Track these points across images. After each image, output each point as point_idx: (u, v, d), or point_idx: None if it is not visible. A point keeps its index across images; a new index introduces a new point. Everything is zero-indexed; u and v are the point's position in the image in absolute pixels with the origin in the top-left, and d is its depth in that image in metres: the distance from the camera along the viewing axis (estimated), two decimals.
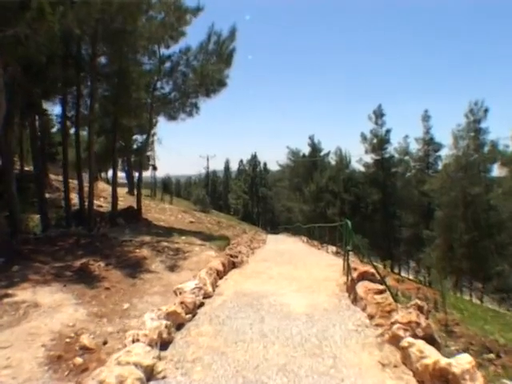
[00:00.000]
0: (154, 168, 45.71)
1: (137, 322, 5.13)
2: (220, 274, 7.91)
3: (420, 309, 4.89)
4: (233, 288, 7.06)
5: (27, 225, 13.38)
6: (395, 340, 4.28)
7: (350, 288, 6.48)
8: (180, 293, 6.00)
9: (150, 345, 4.01)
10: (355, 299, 6.00)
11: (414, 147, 43.78)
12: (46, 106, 17.31)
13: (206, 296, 6.30)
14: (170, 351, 4.28)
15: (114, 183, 16.78)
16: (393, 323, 4.56)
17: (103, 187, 27.65)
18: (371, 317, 5.18)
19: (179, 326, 4.98)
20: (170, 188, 51.69)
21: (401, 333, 4.27)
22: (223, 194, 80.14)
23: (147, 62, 15.85)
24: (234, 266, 9.11)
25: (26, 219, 13.66)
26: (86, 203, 14.38)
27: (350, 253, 7.82)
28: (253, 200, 69.67)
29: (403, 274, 39.05)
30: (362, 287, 5.96)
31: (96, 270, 7.74)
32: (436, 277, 29.11)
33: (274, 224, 62.62)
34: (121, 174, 44.20)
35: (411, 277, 37.48)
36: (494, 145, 33.09)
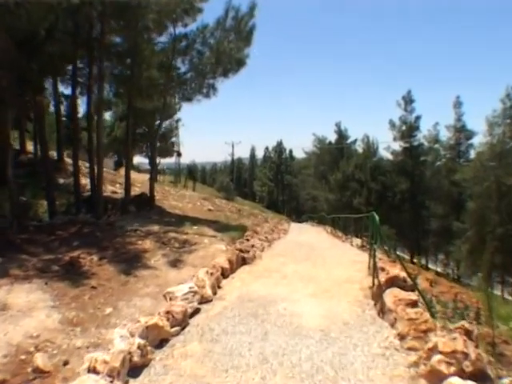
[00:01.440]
0: (179, 154, 45.19)
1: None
2: (226, 273, 6.93)
3: (468, 333, 3.78)
4: (238, 290, 6.08)
5: (36, 211, 12.80)
6: (435, 377, 3.23)
7: (377, 295, 5.42)
8: (171, 298, 5.05)
9: (109, 375, 3.08)
10: (382, 310, 4.95)
11: (445, 135, 42.16)
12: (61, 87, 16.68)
13: (204, 301, 5.35)
14: (141, 379, 3.38)
15: (127, 168, 15.97)
16: (430, 350, 3.51)
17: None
18: (402, 337, 4.12)
19: (162, 342, 4.07)
20: (194, 174, 51.01)
21: (443, 368, 3.21)
22: (248, 181, 79.14)
23: (161, 41, 14.87)
24: (244, 262, 8.08)
25: (35, 205, 13.10)
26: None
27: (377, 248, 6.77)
28: (278, 188, 68.46)
29: (431, 266, 37.63)
30: (390, 296, 4.89)
31: (87, 264, 6.88)
32: (477, 278, 27.57)
33: (298, 212, 61.34)
34: (145, 160, 43.98)
35: (439, 269, 36.03)
36: None
